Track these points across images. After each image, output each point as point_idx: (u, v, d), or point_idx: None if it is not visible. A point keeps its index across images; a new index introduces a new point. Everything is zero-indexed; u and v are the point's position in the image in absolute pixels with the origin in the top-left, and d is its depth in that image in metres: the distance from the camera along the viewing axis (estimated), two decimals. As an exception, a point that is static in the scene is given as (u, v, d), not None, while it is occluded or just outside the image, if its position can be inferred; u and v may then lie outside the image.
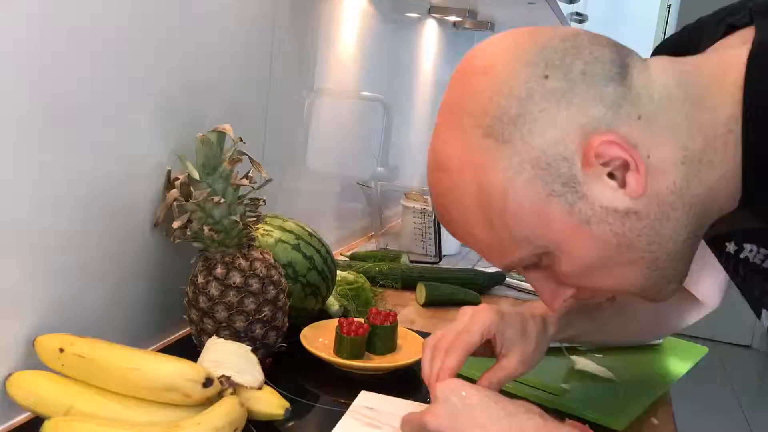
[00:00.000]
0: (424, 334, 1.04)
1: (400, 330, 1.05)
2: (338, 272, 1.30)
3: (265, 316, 0.92)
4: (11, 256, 0.75)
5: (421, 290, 1.34)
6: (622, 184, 0.59)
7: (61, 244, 0.82)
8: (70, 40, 0.78)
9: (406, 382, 0.97)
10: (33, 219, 0.77)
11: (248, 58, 1.17)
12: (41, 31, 0.74)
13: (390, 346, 1.02)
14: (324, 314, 1.14)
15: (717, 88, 0.60)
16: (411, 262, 1.56)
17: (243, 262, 0.92)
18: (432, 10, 2.11)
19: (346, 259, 1.52)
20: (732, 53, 0.61)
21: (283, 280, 0.96)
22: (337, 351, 0.99)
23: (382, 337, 1.02)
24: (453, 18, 2.20)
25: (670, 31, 2.81)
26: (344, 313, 1.19)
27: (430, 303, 1.33)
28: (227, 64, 1.11)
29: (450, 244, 1.72)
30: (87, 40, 0.80)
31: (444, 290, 1.35)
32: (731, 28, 0.66)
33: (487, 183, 0.61)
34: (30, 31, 0.73)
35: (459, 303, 1.26)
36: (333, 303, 1.19)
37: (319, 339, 1.03)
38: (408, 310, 1.31)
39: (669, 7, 2.70)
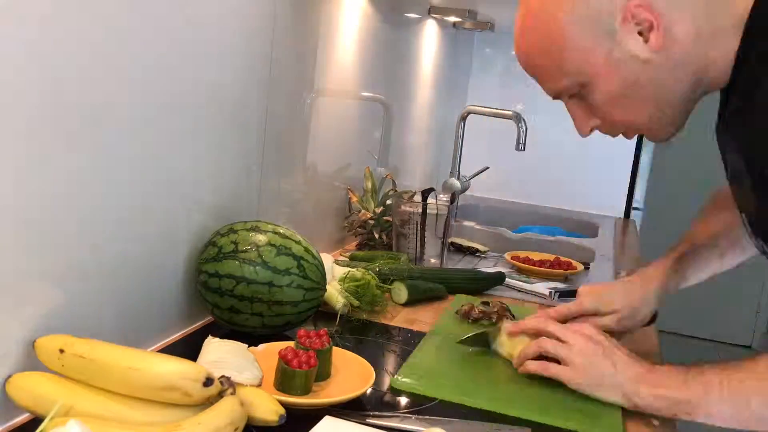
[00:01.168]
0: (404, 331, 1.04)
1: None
2: (345, 268, 1.30)
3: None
4: (11, 257, 0.75)
5: (402, 289, 1.33)
6: (646, 41, 0.81)
7: (61, 246, 0.82)
8: (70, 40, 0.78)
9: (354, 404, 0.89)
10: (33, 220, 0.77)
11: (248, 58, 1.17)
12: (40, 31, 0.74)
13: (328, 370, 0.94)
14: (321, 315, 1.14)
15: None
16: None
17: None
18: (432, 10, 2.11)
19: (346, 259, 1.52)
20: None
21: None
22: (283, 387, 0.87)
23: (323, 362, 0.92)
24: (453, 18, 2.20)
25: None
26: (348, 311, 1.19)
27: (412, 301, 1.33)
28: (227, 64, 1.11)
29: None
30: (86, 40, 0.80)
31: (420, 286, 1.35)
32: None
33: (554, 26, 0.84)
34: (30, 31, 0.73)
35: (436, 298, 1.37)
36: (338, 300, 1.20)
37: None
38: (411, 309, 1.31)
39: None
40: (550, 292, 1.47)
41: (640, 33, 0.81)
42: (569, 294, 1.46)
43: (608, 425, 0.90)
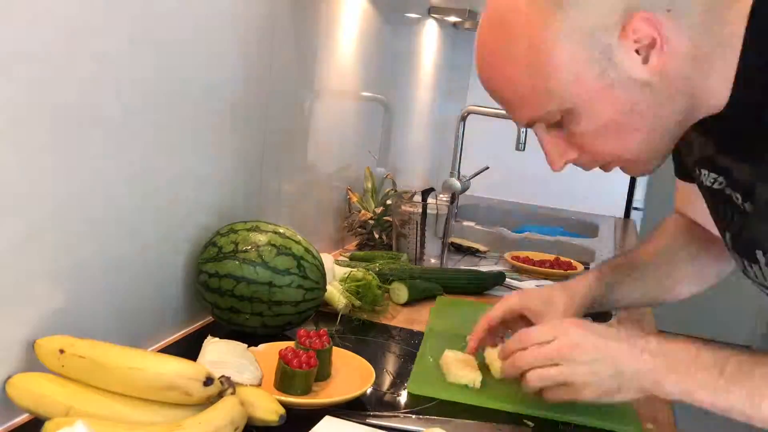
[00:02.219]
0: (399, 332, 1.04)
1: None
2: (346, 269, 1.30)
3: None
4: (10, 257, 0.75)
5: (402, 289, 1.33)
6: (645, 61, 0.70)
7: (61, 246, 0.82)
8: (70, 40, 0.78)
9: (354, 404, 0.88)
10: (33, 220, 0.77)
11: (248, 58, 1.17)
12: (41, 30, 0.74)
13: (328, 370, 0.94)
14: (321, 315, 1.14)
15: (736, 7, 0.71)
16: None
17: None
18: (432, 10, 2.11)
19: (346, 259, 1.52)
20: None
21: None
22: (283, 387, 0.87)
23: (323, 362, 0.92)
24: (453, 18, 2.20)
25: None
26: (350, 311, 1.19)
27: (411, 301, 1.33)
28: (227, 64, 1.11)
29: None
30: (86, 41, 0.80)
31: (418, 286, 1.36)
32: None
33: (538, 39, 0.71)
34: (30, 31, 0.73)
35: (433, 297, 1.37)
36: (339, 300, 1.20)
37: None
38: (411, 309, 1.31)
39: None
40: None
41: (637, 51, 0.70)
42: None
43: (621, 417, 0.90)
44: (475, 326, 1.02)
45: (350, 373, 0.94)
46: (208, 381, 0.74)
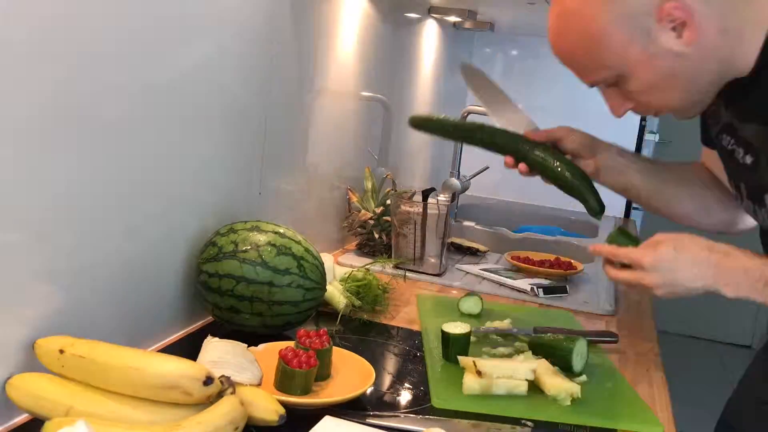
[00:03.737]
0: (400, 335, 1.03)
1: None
2: (347, 269, 1.30)
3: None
4: (10, 258, 0.75)
5: (477, 302, 1.31)
6: (680, 36, 0.88)
7: (60, 246, 0.82)
8: (70, 41, 0.78)
9: (354, 404, 0.88)
10: (32, 221, 0.77)
11: (248, 58, 1.17)
12: (41, 30, 0.74)
13: (328, 370, 0.94)
14: (322, 314, 1.14)
15: None
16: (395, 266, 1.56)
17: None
18: (432, 10, 2.11)
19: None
20: None
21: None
22: (283, 387, 0.88)
23: (323, 362, 0.92)
24: (453, 18, 2.20)
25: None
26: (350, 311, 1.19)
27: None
28: (227, 64, 1.11)
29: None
30: (86, 42, 0.80)
31: None
32: None
33: (593, 25, 0.91)
34: (29, 32, 0.73)
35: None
36: (340, 300, 1.20)
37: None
38: (411, 309, 1.31)
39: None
40: (532, 288, 1.48)
41: (673, 29, 0.88)
42: (552, 290, 1.47)
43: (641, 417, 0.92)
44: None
45: (350, 373, 0.94)
46: (208, 380, 0.74)
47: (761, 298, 0.91)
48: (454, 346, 1.04)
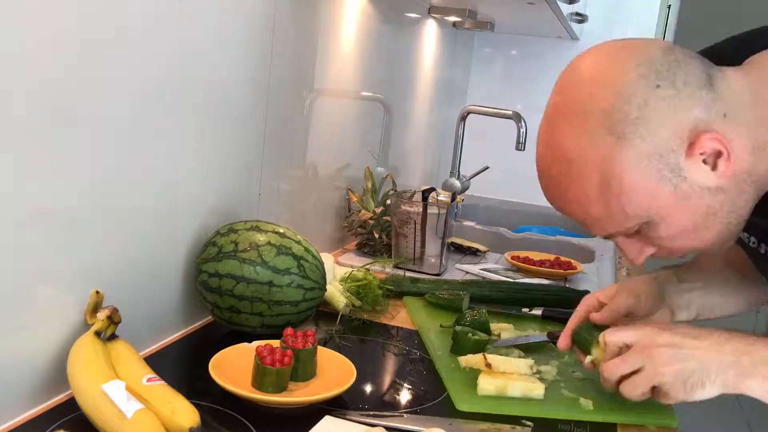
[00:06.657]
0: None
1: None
2: (347, 269, 1.30)
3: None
4: (10, 258, 0.75)
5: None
6: (714, 168, 0.76)
7: (60, 246, 0.82)
8: (70, 41, 0.78)
9: (336, 405, 0.88)
10: (32, 221, 0.77)
11: (248, 58, 1.17)
12: (41, 30, 0.74)
13: (312, 371, 0.94)
14: (322, 314, 1.14)
15: None
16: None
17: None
18: (432, 10, 2.11)
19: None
20: None
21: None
22: (257, 384, 0.88)
23: (305, 362, 0.92)
24: (453, 18, 2.20)
25: (670, 31, 2.80)
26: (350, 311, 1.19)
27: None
28: (227, 64, 1.11)
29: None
30: (86, 41, 0.80)
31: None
32: None
33: (608, 171, 0.76)
34: (30, 32, 0.73)
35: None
36: (340, 300, 1.20)
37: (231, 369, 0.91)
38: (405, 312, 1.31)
39: (669, 8, 2.70)
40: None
41: (704, 161, 0.76)
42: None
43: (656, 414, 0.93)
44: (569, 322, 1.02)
45: (334, 374, 0.94)
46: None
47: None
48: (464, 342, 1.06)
